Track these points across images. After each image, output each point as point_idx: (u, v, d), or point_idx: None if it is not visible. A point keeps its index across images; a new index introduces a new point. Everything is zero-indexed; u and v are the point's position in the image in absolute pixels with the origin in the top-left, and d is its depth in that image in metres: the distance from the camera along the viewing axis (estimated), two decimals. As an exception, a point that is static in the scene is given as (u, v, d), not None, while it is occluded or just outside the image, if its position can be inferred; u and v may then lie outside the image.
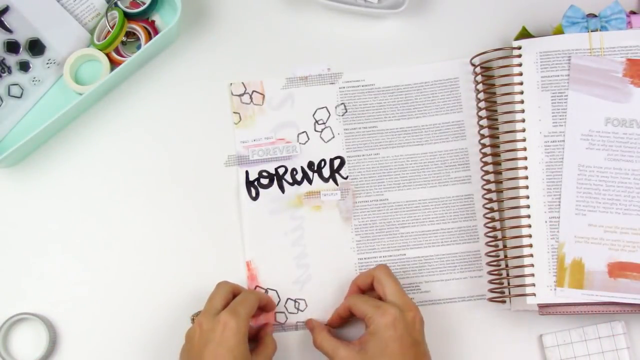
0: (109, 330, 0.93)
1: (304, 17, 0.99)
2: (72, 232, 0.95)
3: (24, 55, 0.95)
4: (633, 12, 0.93)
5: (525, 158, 0.90)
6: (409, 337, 0.82)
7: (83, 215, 0.95)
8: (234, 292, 0.88)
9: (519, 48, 0.92)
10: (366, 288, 0.89)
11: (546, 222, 0.89)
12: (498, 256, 0.91)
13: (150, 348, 0.93)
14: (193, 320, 0.88)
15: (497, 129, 0.93)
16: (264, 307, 0.91)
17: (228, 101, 0.97)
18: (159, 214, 0.95)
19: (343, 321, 0.91)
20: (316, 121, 0.97)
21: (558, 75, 0.91)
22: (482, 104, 0.94)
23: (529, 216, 0.89)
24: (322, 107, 0.97)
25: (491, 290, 0.92)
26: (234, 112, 0.97)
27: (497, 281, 0.91)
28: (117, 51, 0.96)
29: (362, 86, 0.97)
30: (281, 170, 0.96)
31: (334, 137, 0.96)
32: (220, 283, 0.88)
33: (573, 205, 0.88)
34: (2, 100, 0.95)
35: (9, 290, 0.94)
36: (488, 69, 0.95)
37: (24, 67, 0.95)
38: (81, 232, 0.95)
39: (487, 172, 0.93)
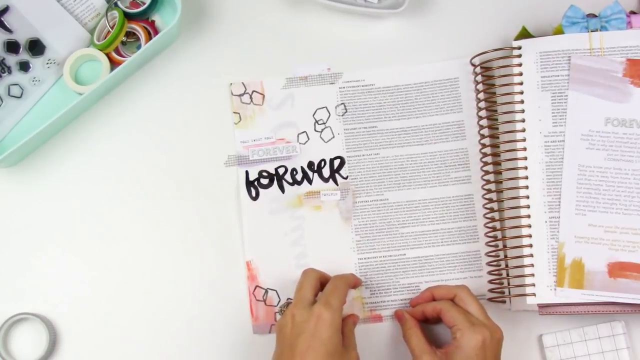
0: (109, 330, 0.93)
1: (304, 17, 0.99)
2: (72, 231, 0.95)
3: (24, 55, 0.95)
4: (633, 12, 0.93)
5: (525, 158, 0.90)
6: (493, 358, 0.82)
7: (83, 214, 0.95)
8: (321, 280, 0.87)
9: (519, 48, 0.92)
10: (440, 299, 0.88)
11: (546, 222, 0.89)
12: (498, 256, 0.92)
13: (150, 348, 0.93)
14: (282, 311, 0.88)
15: (497, 129, 0.93)
16: (353, 285, 0.91)
17: (228, 101, 0.97)
18: (159, 214, 0.95)
19: (423, 319, 0.90)
20: (316, 121, 0.97)
21: (558, 75, 0.91)
22: (482, 104, 0.94)
23: (529, 216, 0.89)
24: (322, 107, 0.97)
25: (491, 290, 0.92)
26: (234, 112, 0.97)
27: (497, 281, 0.91)
28: (117, 51, 0.96)
29: (362, 86, 0.97)
30: (281, 170, 0.96)
31: (334, 137, 0.96)
32: (307, 271, 0.88)
33: (573, 205, 0.88)
34: (2, 100, 0.95)
35: (9, 290, 0.94)
36: (488, 69, 0.95)
37: (24, 67, 0.95)
38: (81, 231, 0.95)
39: (487, 172, 0.93)
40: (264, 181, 0.96)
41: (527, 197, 0.89)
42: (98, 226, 0.95)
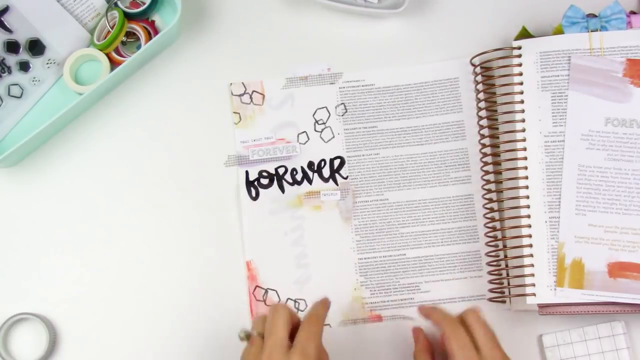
0: (109, 330, 0.93)
1: (304, 17, 0.99)
2: (72, 231, 0.95)
3: (24, 55, 0.95)
4: (633, 12, 0.93)
5: (525, 158, 0.90)
6: None
7: (83, 214, 0.95)
8: (292, 317, 0.80)
9: (519, 48, 0.92)
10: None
11: (546, 222, 0.89)
12: (498, 256, 0.91)
13: (150, 348, 0.93)
14: (246, 338, 0.79)
15: (497, 129, 0.93)
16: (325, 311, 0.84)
17: (228, 101, 0.97)
18: (159, 214, 0.95)
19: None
20: (316, 121, 0.97)
21: (558, 75, 0.91)
22: (482, 104, 0.94)
23: (529, 216, 0.89)
24: (322, 107, 0.97)
25: (491, 290, 0.92)
26: (234, 112, 0.97)
27: (497, 281, 0.91)
28: (117, 51, 0.96)
29: (362, 86, 0.97)
30: (281, 170, 0.96)
31: (334, 137, 0.96)
32: (277, 309, 0.79)
33: (573, 205, 0.88)
34: (2, 100, 0.95)
35: (9, 290, 0.94)
36: (488, 69, 0.95)
37: (24, 67, 0.95)
38: (81, 231, 0.95)
39: (487, 172, 0.93)
40: (264, 181, 0.96)
41: (527, 197, 0.89)
42: (98, 226, 0.95)
